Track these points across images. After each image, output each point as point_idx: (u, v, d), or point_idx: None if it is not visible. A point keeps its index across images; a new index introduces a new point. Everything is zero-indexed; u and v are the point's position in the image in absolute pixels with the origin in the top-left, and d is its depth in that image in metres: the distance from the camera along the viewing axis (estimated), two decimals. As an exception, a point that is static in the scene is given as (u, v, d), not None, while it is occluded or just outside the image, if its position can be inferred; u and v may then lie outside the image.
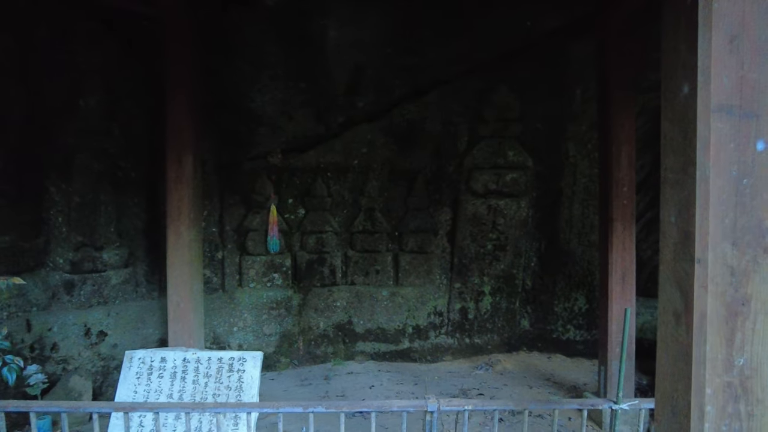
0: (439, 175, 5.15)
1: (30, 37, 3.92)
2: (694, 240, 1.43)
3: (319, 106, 5.17)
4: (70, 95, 4.12)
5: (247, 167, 4.97)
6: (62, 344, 4.01)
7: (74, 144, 4.13)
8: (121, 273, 4.40)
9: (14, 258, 3.87)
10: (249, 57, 4.84)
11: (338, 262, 5.19)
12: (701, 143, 1.38)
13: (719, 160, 1.34)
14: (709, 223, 1.35)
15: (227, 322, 4.82)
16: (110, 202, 4.36)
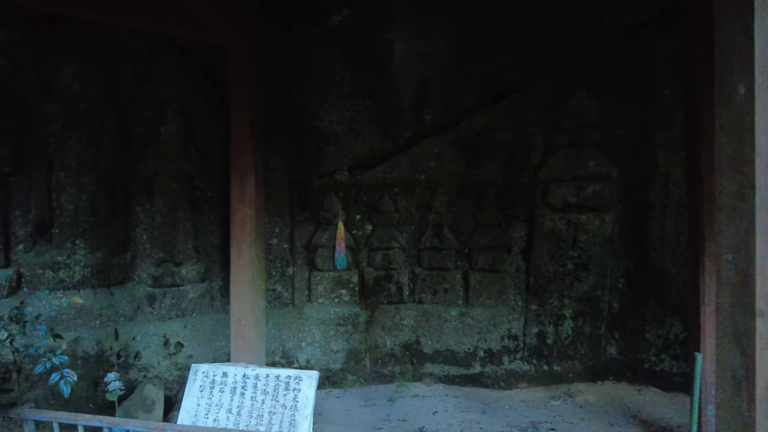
0: (511, 188, 4.84)
1: (120, 71, 4.31)
2: (755, 286, 1.12)
3: (385, 122, 5.12)
4: (153, 122, 4.47)
5: (316, 185, 5.04)
6: (144, 353, 4.31)
7: (156, 167, 4.45)
8: (197, 287, 4.65)
9: (105, 272, 4.25)
10: (316, 77, 4.93)
11: (405, 280, 5.07)
12: (762, 159, 1.08)
13: None
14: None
15: (296, 337, 4.90)
16: (188, 220, 4.63)
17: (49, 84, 4.00)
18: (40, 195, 3.93)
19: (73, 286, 4.01)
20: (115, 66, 4.26)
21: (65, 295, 3.87)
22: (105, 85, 4.21)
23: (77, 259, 4.05)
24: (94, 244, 4.17)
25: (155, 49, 4.40)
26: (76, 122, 4.06)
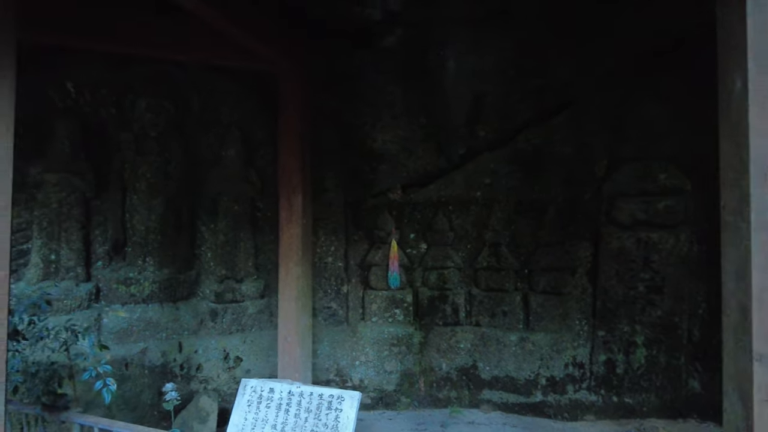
0: (573, 205, 4.53)
1: (186, 101, 4.67)
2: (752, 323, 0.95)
3: (439, 140, 5.06)
4: (216, 147, 4.76)
5: (369, 204, 5.07)
6: (205, 365, 4.54)
7: (219, 189, 4.73)
8: (257, 303, 4.83)
9: (172, 288, 4.55)
10: (369, 98, 5.00)
11: (461, 301, 4.90)
12: (756, 167, 0.92)
13: None
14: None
15: (350, 355, 4.90)
16: (249, 239, 4.85)
17: (125, 116, 4.43)
18: (116, 216, 4.33)
19: (143, 300, 4.33)
20: (182, 97, 4.62)
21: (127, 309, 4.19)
22: (173, 115, 4.57)
23: (147, 275, 4.39)
24: (162, 262, 4.49)
25: (217, 80, 4.71)
26: (147, 149, 4.44)
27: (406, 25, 4.98)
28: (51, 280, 3.93)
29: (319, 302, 4.92)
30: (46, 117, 4.08)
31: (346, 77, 4.99)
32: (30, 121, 3.97)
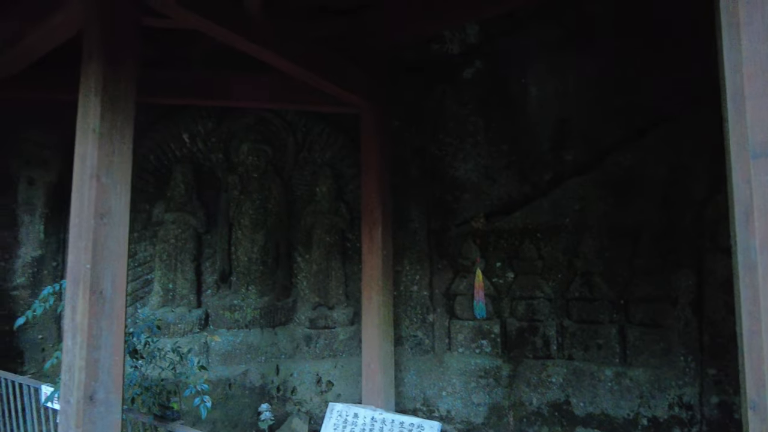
0: (671, 229, 4.19)
1: (283, 144, 5.15)
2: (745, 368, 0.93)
3: (523, 166, 4.99)
4: (310, 184, 5.17)
5: (453, 232, 5.12)
6: (299, 389, 4.84)
7: (312, 222, 5.10)
8: (347, 330, 5.07)
9: (271, 314, 4.97)
10: (451, 129, 5.12)
11: (552, 332, 4.71)
12: (740, 207, 0.92)
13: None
14: (762, 349, 0.86)
15: (437, 385, 4.92)
16: (340, 269, 5.15)
17: (231, 160, 5.00)
18: (223, 249, 4.86)
19: (245, 325, 4.78)
20: (279, 140, 5.11)
21: (231, 333, 4.64)
22: (272, 157, 5.07)
23: (249, 302, 4.84)
24: (263, 290, 4.93)
25: (311, 122, 5.15)
26: (250, 189, 4.96)
27: (485, 56, 5.07)
28: (168, 306, 4.52)
29: (406, 331, 5.03)
30: (167, 165, 4.76)
31: (428, 111, 5.17)
32: (154, 169, 4.67)
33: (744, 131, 0.89)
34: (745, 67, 0.89)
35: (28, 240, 4.14)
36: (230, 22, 3.01)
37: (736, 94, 0.92)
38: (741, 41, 0.89)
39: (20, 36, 3.05)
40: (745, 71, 0.89)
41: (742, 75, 0.89)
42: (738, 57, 0.90)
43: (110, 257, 2.25)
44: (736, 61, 0.91)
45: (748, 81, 0.88)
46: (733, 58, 0.92)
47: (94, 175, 2.24)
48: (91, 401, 2.12)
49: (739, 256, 0.90)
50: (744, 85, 0.89)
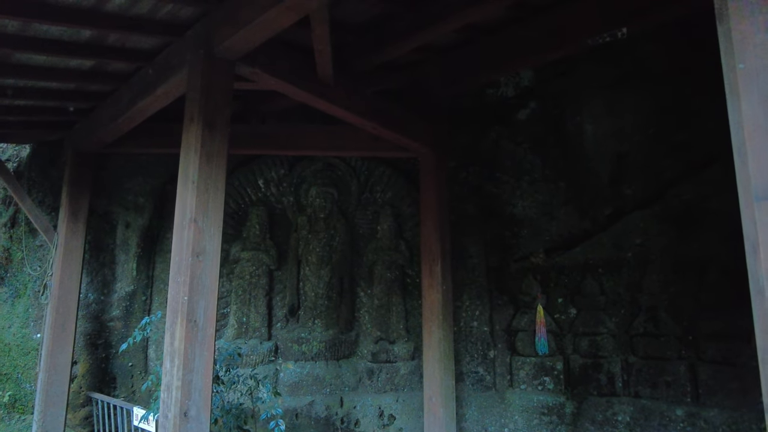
0: (739, 263, 4.06)
1: (347, 186, 5.51)
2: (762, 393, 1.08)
3: (582, 202, 5.05)
4: (372, 223, 5.47)
5: (512, 268, 5.20)
6: (362, 421, 4.99)
7: (374, 258, 5.36)
8: (408, 365, 5.21)
9: (335, 347, 5.20)
10: (508, 168, 5.29)
11: (617, 369, 4.62)
12: (749, 242, 1.09)
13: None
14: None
15: (498, 422, 4.91)
16: (400, 304, 5.34)
17: (300, 202, 5.41)
18: (292, 285, 5.20)
19: (312, 358, 5.04)
20: (343, 183, 5.48)
21: (299, 365, 4.90)
22: (337, 199, 5.43)
23: (315, 336, 5.11)
24: (328, 324, 5.20)
25: (372, 166, 5.49)
26: (317, 228, 5.32)
27: (539, 98, 5.25)
28: (242, 338, 4.87)
29: (466, 366, 5.09)
30: (244, 208, 5.23)
31: (484, 151, 5.38)
32: (232, 212, 5.14)
33: (748, 178, 1.05)
34: (745, 125, 1.06)
35: (123, 276, 4.68)
36: (305, 85, 3.41)
37: (740, 148, 1.08)
38: (741, 105, 1.07)
39: (133, 104, 3.60)
40: (745, 128, 1.06)
41: (743, 132, 1.06)
42: (739, 117, 1.07)
43: (203, 290, 2.59)
44: (738, 121, 1.08)
45: (749, 137, 1.05)
46: (735, 118, 1.10)
47: (192, 220, 2.61)
48: (185, 417, 2.42)
49: (751, 284, 1.04)
50: (745, 140, 1.06)
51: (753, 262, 1.02)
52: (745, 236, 1.05)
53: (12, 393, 4.86)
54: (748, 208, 1.04)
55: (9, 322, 4.82)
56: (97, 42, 3.15)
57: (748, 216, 1.04)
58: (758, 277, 1.00)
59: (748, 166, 1.05)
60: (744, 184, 1.07)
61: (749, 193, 1.04)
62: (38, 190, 4.64)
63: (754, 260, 1.02)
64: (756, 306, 1.01)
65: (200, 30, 2.97)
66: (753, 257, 1.02)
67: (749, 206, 1.04)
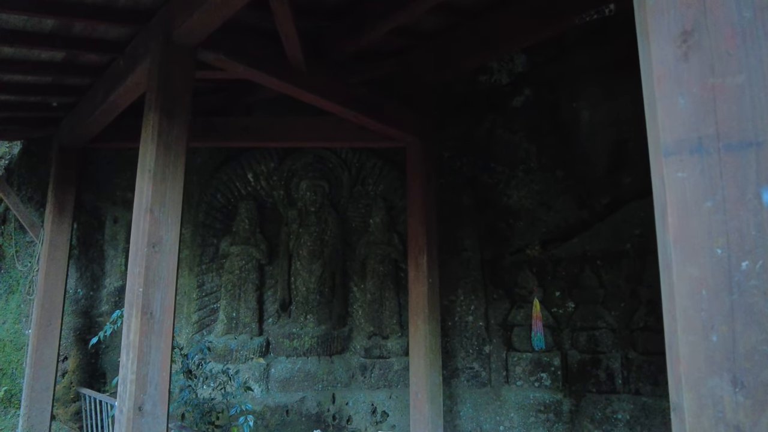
0: (744, 253, 3.84)
1: (338, 179, 5.41)
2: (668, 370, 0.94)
3: (579, 191, 4.86)
4: (364, 216, 5.35)
5: (508, 261, 5.03)
6: (355, 418, 4.89)
7: (366, 252, 5.25)
8: (401, 360, 5.08)
9: (327, 343, 5.11)
10: (502, 157, 5.12)
11: (617, 365, 4.42)
12: (658, 205, 0.95)
13: (688, 230, 0.87)
14: (678, 340, 0.86)
15: (493, 419, 4.75)
16: (393, 298, 5.22)
17: (291, 196, 5.33)
18: (283, 279, 5.13)
19: (303, 353, 4.96)
20: (334, 175, 5.38)
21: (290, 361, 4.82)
22: (328, 191, 5.33)
23: (307, 331, 5.03)
24: (320, 319, 5.11)
25: (364, 158, 5.38)
26: (308, 222, 5.23)
27: (534, 84, 5.06)
28: (232, 334, 4.82)
29: (461, 362, 4.95)
30: (233, 202, 5.18)
31: (479, 140, 5.22)
32: (221, 206, 5.09)
33: (656, 129, 0.91)
34: (654, 70, 0.91)
35: (112, 272, 4.67)
36: (277, 72, 3.31)
37: (649, 98, 0.94)
38: (650, 47, 0.92)
39: (107, 96, 3.57)
40: (654, 73, 0.91)
41: (653, 77, 0.92)
42: (649, 61, 0.93)
43: (160, 282, 2.52)
44: (648, 65, 0.94)
45: (657, 83, 0.91)
46: (645, 63, 0.95)
47: (148, 210, 2.54)
48: (139, 412, 2.35)
49: (659, 255, 0.90)
50: (654, 87, 0.91)
51: (661, 228, 0.88)
52: (655, 199, 0.90)
53: (7, 388, 4.90)
54: (657, 166, 0.90)
55: (3, 318, 4.86)
56: (63, 32, 3.11)
57: (657, 175, 0.89)
58: (666, 245, 0.85)
59: (657, 116, 0.90)
60: (653, 138, 0.92)
61: (658, 147, 0.90)
62: (27, 186, 4.66)
63: (662, 226, 0.87)
64: (663, 282, 0.87)
65: (163, 17, 2.90)
66: (661, 223, 0.88)
67: (658, 163, 0.89)
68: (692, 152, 0.84)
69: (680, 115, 0.86)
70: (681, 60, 0.87)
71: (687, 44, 0.87)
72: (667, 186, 0.86)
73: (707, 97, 0.84)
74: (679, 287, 0.83)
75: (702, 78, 0.85)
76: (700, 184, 0.83)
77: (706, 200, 0.82)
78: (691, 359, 0.80)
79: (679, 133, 0.86)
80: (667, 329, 0.87)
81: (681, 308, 0.82)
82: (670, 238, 0.85)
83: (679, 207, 0.85)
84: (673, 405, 0.84)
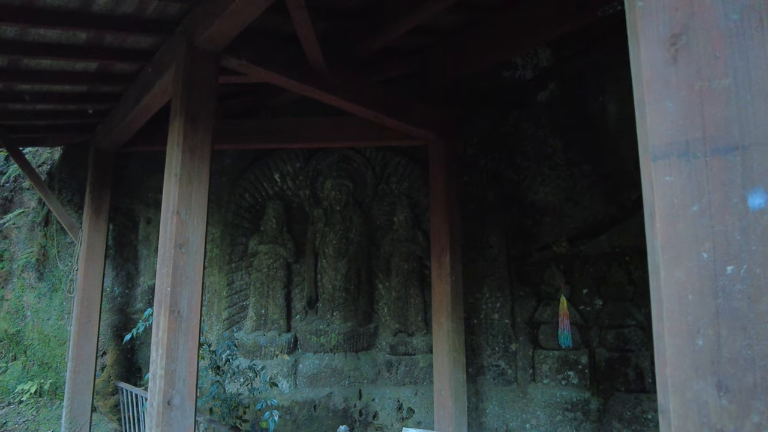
0: (781, 249, 3.69)
1: (363, 177, 5.46)
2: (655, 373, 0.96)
3: (607, 186, 4.76)
4: (388, 214, 5.40)
5: (534, 258, 4.98)
6: (381, 413, 4.95)
7: (391, 250, 5.29)
8: (427, 357, 5.10)
9: (354, 339, 5.18)
10: (528, 153, 5.07)
11: (646, 364, 4.32)
12: (647, 209, 0.96)
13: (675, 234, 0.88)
14: (665, 344, 0.88)
15: (520, 417, 4.72)
16: (418, 296, 5.24)
17: (317, 195, 5.42)
18: (310, 277, 5.22)
19: (330, 350, 5.04)
20: (359, 174, 5.43)
21: (317, 357, 4.91)
22: (353, 190, 5.40)
23: (333, 328, 5.11)
24: (346, 316, 5.19)
25: (388, 156, 5.42)
26: (333, 221, 5.31)
27: (559, 78, 4.98)
28: (261, 330, 4.94)
29: (487, 360, 4.93)
30: (261, 202, 5.30)
31: (504, 136, 5.18)
32: (249, 206, 5.22)
33: (645, 133, 0.91)
34: (644, 72, 0.92)
35: (145, 270, 4.87)
36: (297, 75, 3.38)
37: (639, 101, 0.94)
38: (640, 49, 0.93)
39: (137, 102, 3.72)
40: (644, 75, 0.92)
41: (642, 79, 0.92)
42: (639, 63, 0.93)
43: (187, 282, 2.63)
44: (638, 67, 0.94)
45: (647, 85, 0.91)
46: (635, 65, 0.95)
47: (175, 212, 2.65)
48: (168, 406, 2.46)
49: (648, 259, 0.90)
50: (644, 89, 0.92)
51: (650, 232, 0.88)
52: (645, 203, 0.91)
53: (53, 381, 5.18)
54: (646, 170, 0.90)
55: (48, 315, 5.13)
56: (95, 43, 3.26)
57: (646, 179, 0.90)
58: (654, 250, 0.86)
59: (646, 119, 0.91)
60: (643, 141, 0.93)
61: (647, 151, 0.90)
62: (67, 190, 4.90)
63: (650, 231, 0.88)
64: (652, 286, 0.88)
65: (187, 25, 3.00)
66: (650, 227, 0.88)
67: (647, 167, 0.90)
68: (680, 156, 0.85)
69: (668, 119, 0.86)
70: (669, 63, 0.87)
71: (675, 47, 0.87)
72: (655, 190, 0.86)
73: (694, 101, 0.84)
74: (666, 291, 0.83)
75: (689, 81, 0.85)
76: (687, 188, 0.83)
77: (692, 204, 0.82)
78: (677, 363, 0.81)
79: (667, 137, 0.86)
80: (655, 332, 0.88)
81: (668, 312, 0.83)
82: (658, 242, 0.85)
83: (667, 211, 0.85)
84: (660, 408, 0.85)
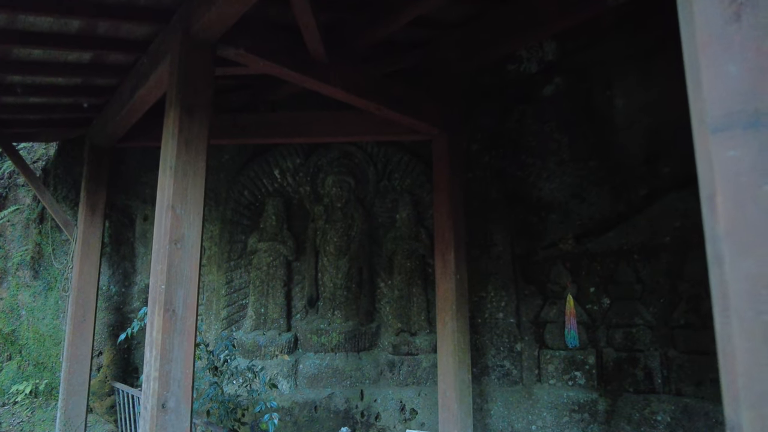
0: (796, 246, 3.58)
1: (364, 174, 5.34)
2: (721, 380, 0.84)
3: (614, 182, 4.65)
4: (390, 211, 5.28)
5: (540, 256, 4.87)
6: (383, 414, 4.83)
7: (393, 248, 5.18)
8: (430, 357, 5.00)
9: (355, 339, 5.07)
10: (533, 149, 4.95)
11: (656, 364, 4.21)
12: (705, 190, 0.84)
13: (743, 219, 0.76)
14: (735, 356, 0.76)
15: (525, 418, 4.61)
16: (421, 294, 5.13)
17: (317, 192, 5.30)
18: (310, 275, 5.11)
19: (331, 349, 4.93)
20: (360, 170, 5.32)
21: (318, 357, 4.79)
22: (354, 187, 5.28)
23: (334, 327, 5.00)
24: (347, 315, 5.07)
25: (390, 152, 5.30)
26: (334, 218, 5.19)
27: (565, 72, 4.87)
28: (261, 330, 4.83)
29: (492, 360, 4.82)
30: (260, 199, 5.18)
31: (508, 132, 5.06)
32: (248, 203, 5.10)
33: (702, 103, 0.80)
34: (698, 34, 0.80)
35: (142, 268, 4.75)
36: (297, 65, 3.26)
37: (692, 65, 0.83)
38: (693, 7, 0.81)
39: (132, 95, 3.60)
40: (698, 38, 0.80)
41: (696, 42, 0.81)
42: (691, 24, 0.82)
43: (182, 279, 2.51)
44: (690, 29, 0.83)
45: (702, 49, 0.80)
46: (687, 26, 0.84)
47: (170, 207, 2.53)
48: (163, 409, 2.35)
49: (708, 249, 0.79)
50: (698, 54, 0.80)
51: (709, 217, 0.77)
52: (701, 184, 0.79)
53: (48, 381, 5.06)
54: (702, 144, 0.79)
55: (43, 314, 5.01)
56: (89, 33, 3.14)
57: (703, 155, 0.78)
58: (716, 238, 0.74)
59: (702, 87, 0.79)
60: (698, 113, 0.81)
61: (704, 123, 0.78)
62: (63, 186, 4.78)
63: (710, 215, 0.76)
64: (713, 281, 0.76)
65: (182, 14, 2.89)
66: (709, 211, 0.77)
67: (704, 141, 0.78)
68: (746, 127, 0.73)
69: (731, 86, 0.75)
70: (731, 21, 0.76)
71: (738, 3, 0.76)
72: (715, 168, 0.75)
73: (764, 63, 0.73)
74: (734, 286, 0.72)
75: (757, 41, 0.73)
76: (757, 164, 0.72)
77: (765, 183, 0.71)
78: (752, 372, 0.70)
79: (730, 106, 0.75)
80: (719, 334, 0.76)
81: (736, 311, 0.71)
82: (721, 229, 0.74)
83: (732, 191, 0.73)
84: (729, 422, 0.73)
